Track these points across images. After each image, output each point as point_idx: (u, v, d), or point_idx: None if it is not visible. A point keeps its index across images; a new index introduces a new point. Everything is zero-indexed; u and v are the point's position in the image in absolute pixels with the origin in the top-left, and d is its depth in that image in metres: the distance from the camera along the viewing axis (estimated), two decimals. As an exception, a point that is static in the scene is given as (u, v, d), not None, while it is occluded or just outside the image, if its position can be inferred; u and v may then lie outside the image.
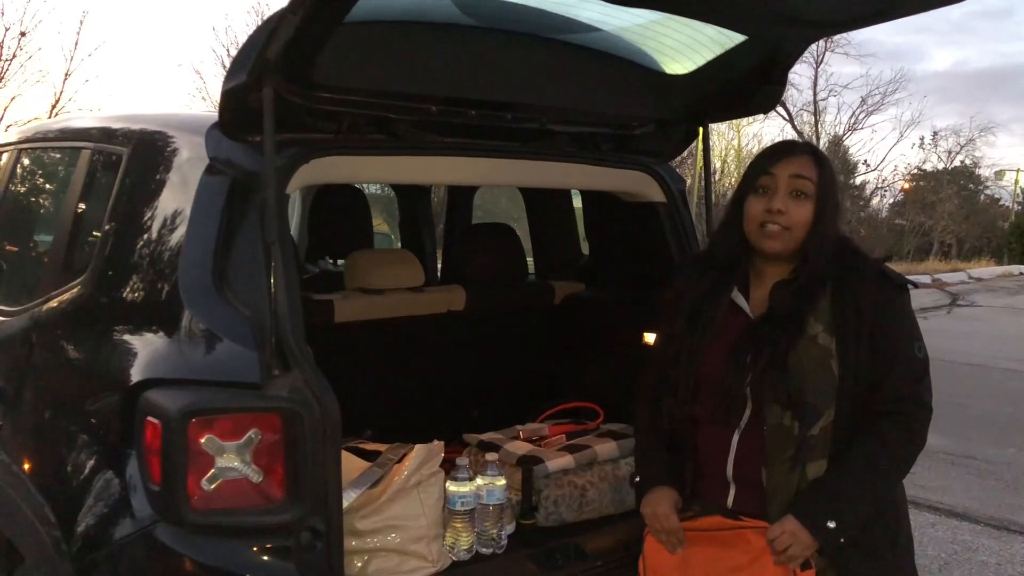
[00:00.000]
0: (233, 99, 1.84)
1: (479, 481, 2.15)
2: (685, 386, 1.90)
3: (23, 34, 16.07)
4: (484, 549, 2.15)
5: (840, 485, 1.74)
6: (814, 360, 1.77)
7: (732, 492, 1.87)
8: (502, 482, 2.17)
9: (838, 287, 1.80)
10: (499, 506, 2.16)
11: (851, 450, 1.76)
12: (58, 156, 3.00)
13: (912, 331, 1.82)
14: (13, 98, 16.38)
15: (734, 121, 19.36)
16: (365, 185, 4.46)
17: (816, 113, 23.47)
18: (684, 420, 1.92)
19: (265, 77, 1.74)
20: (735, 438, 1.85)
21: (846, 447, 1.76)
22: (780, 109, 21.23)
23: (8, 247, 3.14)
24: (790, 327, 1.79)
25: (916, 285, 1.90)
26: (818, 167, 1.83)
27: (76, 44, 18.23)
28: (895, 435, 1.76)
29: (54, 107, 16.73)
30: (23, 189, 3.18)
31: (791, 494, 1.77)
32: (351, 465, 2.02)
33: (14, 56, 16.14)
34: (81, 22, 21.68)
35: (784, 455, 1.77)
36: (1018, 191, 27.85)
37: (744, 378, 1.81)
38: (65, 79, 16.94)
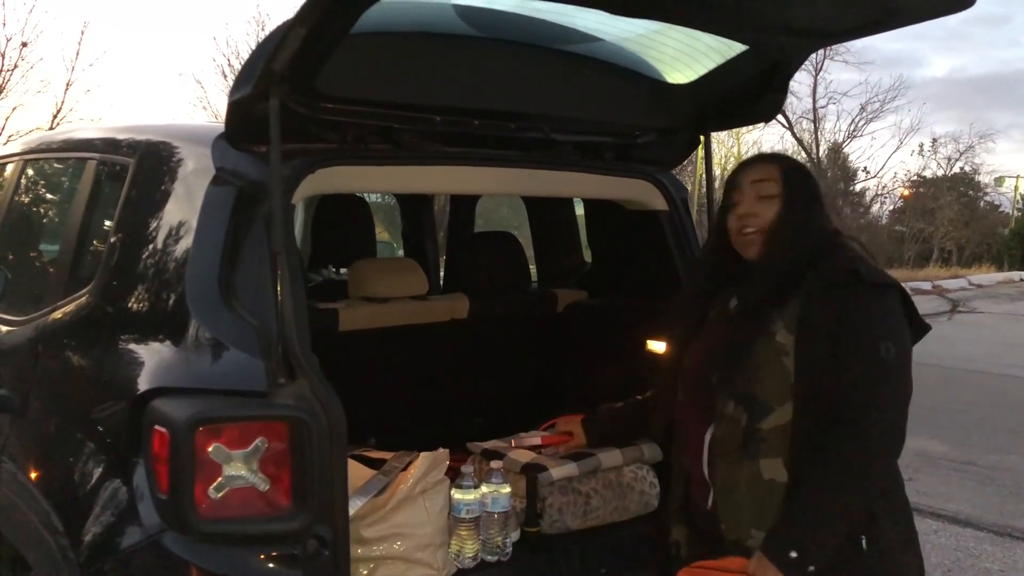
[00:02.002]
0: (239, 109, 1.86)
1: (484, 489, 2.16)
2: (672, 382, 1.97)
3: (24, 44, 16.12)
4: (489, 557, 2.15)
5: (797, 514, 1.70)
6: (766, 355, 1.77)
7: (712, 492, 1.87)
8: (507, 490, 2.18)
9: (810, 285, 1.78)
10: (504, 514, 2.17)
11: (808, 472, 1.71)
12: (64, 167, 3.02)
13: (879, 332, 1.73)
14: (15, 108, 16.43)
15: (734, 129, 19.39)
16: (367, 194, 4.47)
17: (816, 121, 23.50)
18: (669, 419, 1.98)
19: (271, 88, 1.75)
20: (707, 437, 1.86)
21: (806, 449, 1.73)
22: (780, 117, 21.26)
23: (14, 257, 3.15)
24: (749, 323, 1.81)
25: (900, 286, 1.82)
26: (779, 166, 1.88)
27: (77, 54, 18.23)
28: (849, 449, 1.69)
29: (55, 117, 16.78)
30: (28, 200, 3.20)
31: (738, 488, 1.78)
32: (357, 473, 2.02)
33: (15, 66, 16.19)
34: (82, 32, 21.74)
35: (731, 447, 1.79)
36: (1018, 197, 27.90)
37: (711, 374, 1.84)
38: (67, 89, 16.99)
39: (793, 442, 1.75)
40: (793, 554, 1.68)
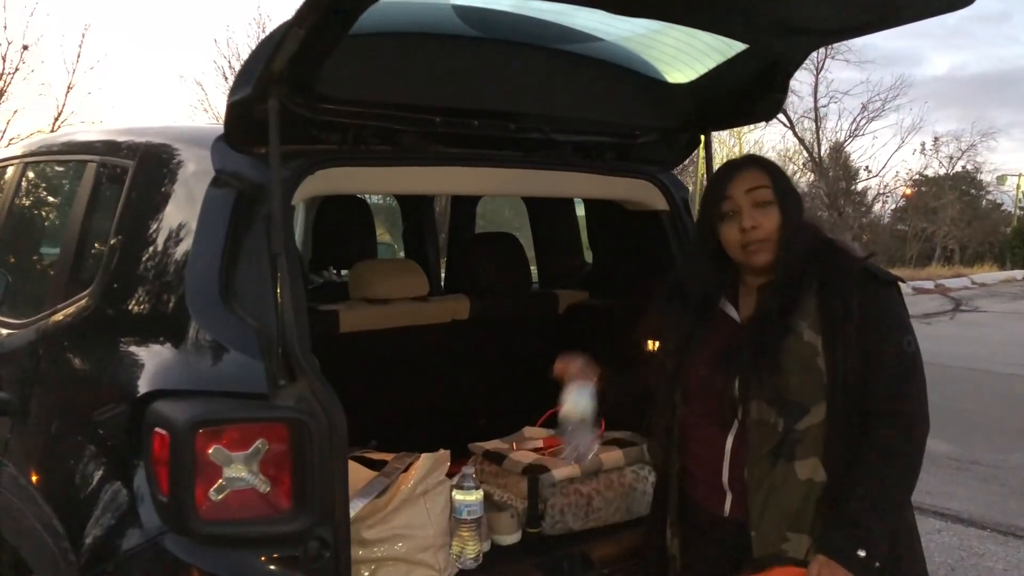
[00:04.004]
0: (238, 111, 1.86)
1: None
2: (670, 391, 1.95)
3: (25, 47, 16.17)
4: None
5: (859, 512, 1.71)
6: (799, 357, 1.77)
7: (729, 499, 1.86)
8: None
9: (824, 286, 1.80)
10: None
11: (859, 469, 1.73)
12: (64, 169, 3.02)
13: (900, 325, 1.80)
14: (16, 111, 16.48)
15: (735, 128, 19.39)
16: (368, 195, 4.47)
17: (817, 120, 23.49)
18: (672, 425, 1.96)
19: (270, 89, 1.76)
20: (728, 443, 1.85)
21: (842, 448, 1.75)
22: (781, 116, 21.25)
23: (15, 260, 3.15)
24: (775, 326, 1.80)
25: (904, 281, 1.89)
26: (767, 172, 1.87)
27: (78, 57, 18.26)
28: (896, 441, 1.73)
29: (56, 120, 16.80)
30: (28, 202, 3.20)
31: (774, 492, 1.77)
32: (358, 475, 2.02)
33: (16, 69, 16.23)
34: (83, 35, 21.74)
35: (764, 450, 1.78)
36: (1020, 196, 27.83)
37: (732, 379, 1.82)
38: (67, 92, 17.03)
39: (831, 440, 1.76)
40: (862, 552, 1.69)
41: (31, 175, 3.12)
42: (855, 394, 1.75)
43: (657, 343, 2.05)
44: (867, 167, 25.41)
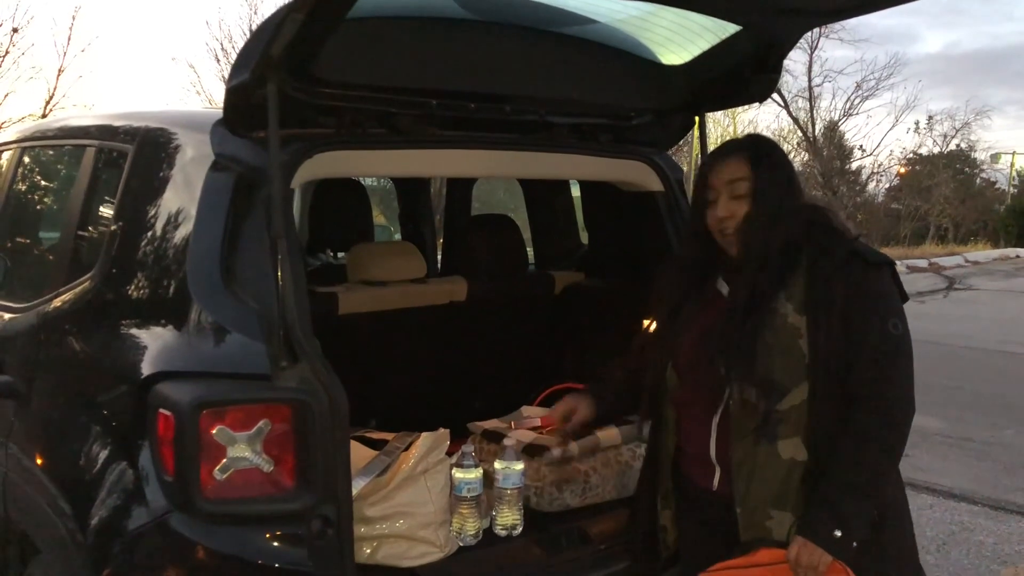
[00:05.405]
0: (237, 96, 1.87)
1: (497, 465, 2.17)
2: (662, 365, 1.98)
3: (15, 30, 16.01)
4: (502, 532, 2.18)
5: (835, 494, 1.74)
6: (781, 339, 1.79)
7: (717, 474, 1.90)
8: (520, 466, 2.19)
9: (812, 266, 1.81)
10: (517, 490, 2.18)
11: (836, 452, 1.75)
12: (62, 154, 3.03)
13: (887, 308, 1.80)
14: (7, 95, 16.34)
15: (729, 109, 19.33)
16: (364, 178, 4.48)
17: (811, 99, 23.47)
18: (661, 399, 1.99)
19: (269, 74, 1.77)
20: (715, 419, 1.88)
21: (827, 426, 1.77)
22: (775, 96, 21.20)
23: (14, 245, 3.15)
24: (757, 307, 1.82)
25: (894, 263, 1.89)
26: (751, 163, 1.86)
27: (69, 40, 18.08)
28: (875, 424, 1.74)
29: (48, 103, 16.69)
30: (27, 188, 3.20)
31: (757, 470, 1.80)
32: (359, 454, 2.05)
33: (7, 52, 16.09)
34: (74, 17, 21.50)
35: (747, 429, 1.80)
36: (1014, 174, 27.89)
37: (717, 359, 1.84)
38: (59, 75, 16.89)
39: (813, 420, 1.78)
40: (838, 533, 1.71)
41: (28, 160, 3.12)
42: (838, 376, 1.77)
43: (654, 321, 2.07)
44: (861, 146, 25.44)
